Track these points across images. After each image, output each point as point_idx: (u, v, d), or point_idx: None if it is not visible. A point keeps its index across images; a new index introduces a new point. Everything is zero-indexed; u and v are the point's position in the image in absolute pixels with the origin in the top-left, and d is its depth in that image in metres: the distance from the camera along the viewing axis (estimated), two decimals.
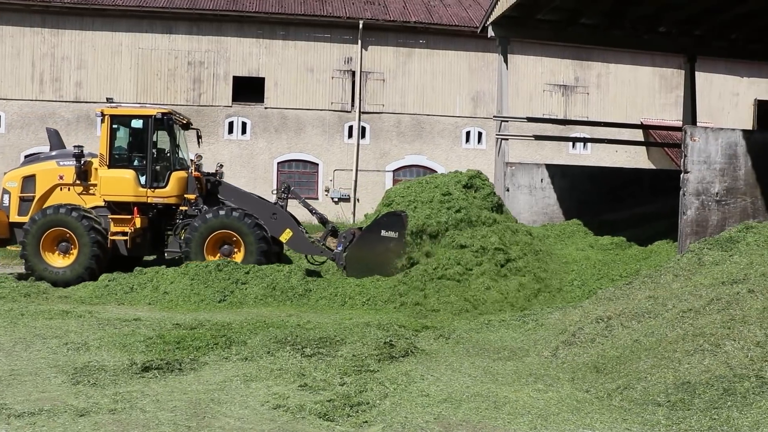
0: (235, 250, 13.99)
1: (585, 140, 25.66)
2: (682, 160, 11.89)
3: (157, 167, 14.53)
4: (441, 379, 6.95)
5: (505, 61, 19.60)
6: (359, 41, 27.05)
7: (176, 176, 14.54)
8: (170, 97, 26.30)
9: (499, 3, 18.46)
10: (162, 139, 14.85)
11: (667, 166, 26.40)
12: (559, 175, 19.17)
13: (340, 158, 27.25)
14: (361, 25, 26.68)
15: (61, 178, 14.64)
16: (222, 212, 13.92)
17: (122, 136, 14.85)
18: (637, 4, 18.12)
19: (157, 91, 26.36)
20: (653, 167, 27.45)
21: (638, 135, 27.79)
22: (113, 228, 14.27)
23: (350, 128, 27.30)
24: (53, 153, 15.33)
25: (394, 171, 27.67)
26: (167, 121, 14.41)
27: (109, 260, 14.16)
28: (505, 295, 11.78)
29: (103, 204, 14.41)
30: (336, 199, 27.06)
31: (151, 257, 15.93)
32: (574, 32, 20.27)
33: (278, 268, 13.08)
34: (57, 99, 26.22)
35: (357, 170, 27.18)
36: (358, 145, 27.30)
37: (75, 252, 13.94)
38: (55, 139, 15.93)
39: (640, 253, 14.01)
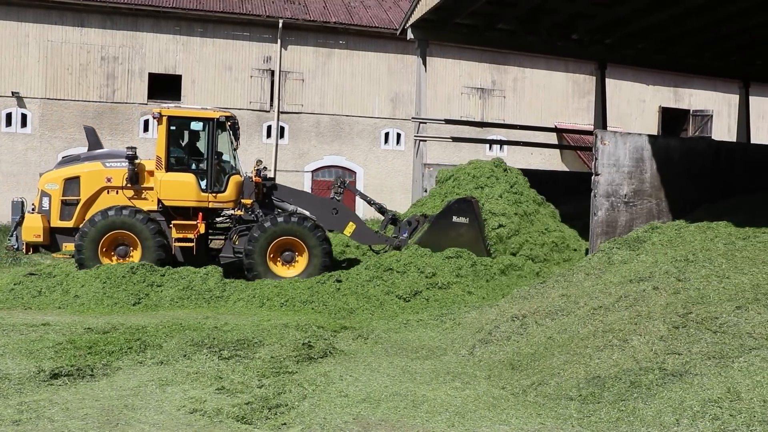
0: (297, 256, 13.76)
1: (501, 142, 26.25)
2: (593, 163, 12.32)
3: (216, 171, 14.02)
4: (360, 379, 6.97)
5: (424, 63, 19.86)
6: (279, 40, 26.82)
7: (234, 180, 14.05)
8: (82, 92, 25.36)
9: (418, 6, 18.68)
10: (220, 143, 14.25)
11: (579, 169, 27.33)
12: None
13: (258, 158, 26.91)
14: (280, 24, 26.46)
15: (108, 180, 13.75)
16: (294, 219, 13.65)
17: (181, 139, 14.21)
18: (551, 11, 18.70)
19: (68, 86, 25.35)
20: (566, 169, 28.37)
21: (552, 138, 28.67)
22: (175, 234, 13.66)
23: (269, 128, 27.03)
24: (96, 153, 14.40)
25: (312, 171, 27.58)
26: (233, 125, 13.98)
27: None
28: None
29: (156, 209, 13.78)
30: None
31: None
32: (491, 37, 20.72)
33: (195, 270, 12.82)
34: None
35: (275, 170, 26.91)
36: (277, 145, 27.06)
37: (135, 256, 13.33)
38: (93, 137, 14.94)
39: None
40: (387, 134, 28.31)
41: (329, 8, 28.28)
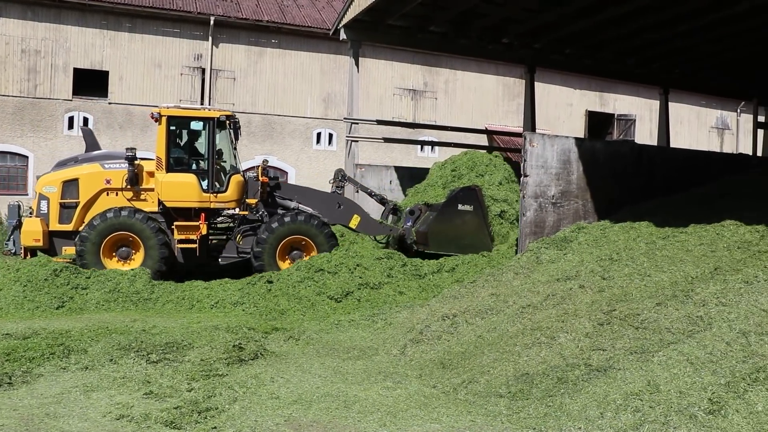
0: (304, 254, 13.77)
1: (433, 144, 26.51)
2: (522, 164, 12.57)
3: (217, 171, 13.79)
4: (291, 381, 6.93)
5: (357, 64, 19.88)
6: (210, 38, 26.38)
7: (235, 180, 13.87)
8: (0, 86, 24.32)
9: (351, 6, 18.68)
10: (220, 142, 14.03)
11: None
12: (408, 177, 19.67)
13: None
14: (212, 22, 26.03)
15: (108, 182, 13.38)
16: (301, 218, 13.68)
17: (180, 139, 13.85)
18: (482, 15, 18.99)
19: None
20: None
21: (483, 140, 29.11)
22: (177, 235, 13.36)
23: None
24: (94, 154, 13.92)
25: (243, 171, 27.20)
26: (234, 124, 13.78)
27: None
28: None
29: (157, 210, 13.48)
30: None
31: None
32: (423, 39, 20.90)
33: (122, 272, 12.50)
34: None
35: None
36: None
37: (138, 257, 13.06)
38: (91, 139, 14.47)
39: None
40: (319, 134, 28.21)
41: (262, 7, 27.99)
